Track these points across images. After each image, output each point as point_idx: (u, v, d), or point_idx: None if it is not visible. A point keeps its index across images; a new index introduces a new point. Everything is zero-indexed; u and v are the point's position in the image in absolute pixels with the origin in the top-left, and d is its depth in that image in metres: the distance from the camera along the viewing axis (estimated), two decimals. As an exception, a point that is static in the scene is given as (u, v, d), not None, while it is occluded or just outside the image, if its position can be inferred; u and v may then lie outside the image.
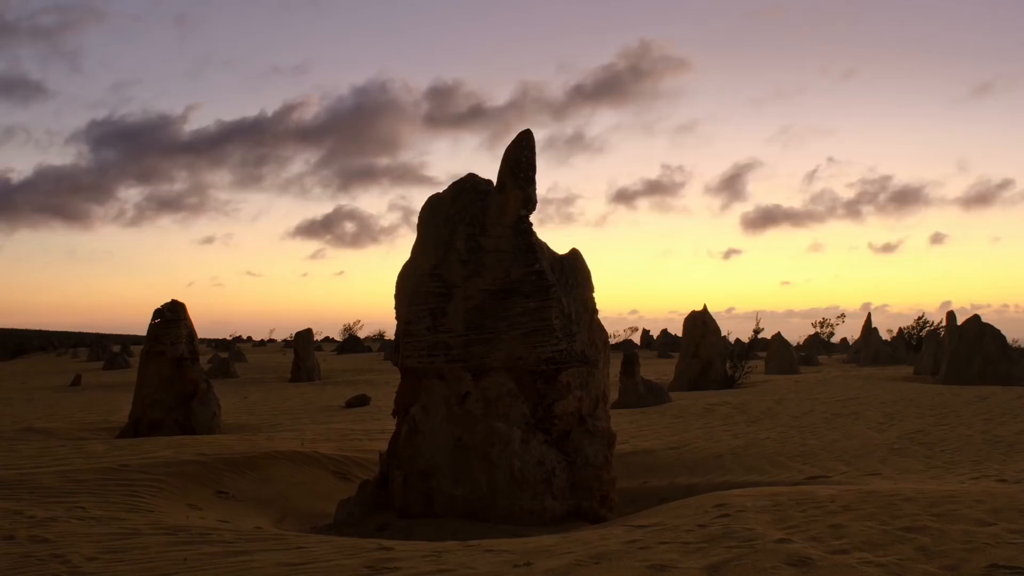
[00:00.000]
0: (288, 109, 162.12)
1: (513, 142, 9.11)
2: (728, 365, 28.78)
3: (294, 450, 11.50)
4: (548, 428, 8.62)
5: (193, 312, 17.92)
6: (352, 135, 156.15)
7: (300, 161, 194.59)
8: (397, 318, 9.29)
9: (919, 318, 50.45)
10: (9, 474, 9.35)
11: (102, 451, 11.80)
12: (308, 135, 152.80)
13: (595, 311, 9.27)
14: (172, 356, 16.86)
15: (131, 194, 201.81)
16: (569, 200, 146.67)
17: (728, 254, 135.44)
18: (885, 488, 7.82)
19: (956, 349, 27.48)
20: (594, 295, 9.36)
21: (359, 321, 79.27)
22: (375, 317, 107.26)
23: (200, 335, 21.51)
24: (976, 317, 28.01)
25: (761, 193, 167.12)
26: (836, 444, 13.40)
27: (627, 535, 6.15)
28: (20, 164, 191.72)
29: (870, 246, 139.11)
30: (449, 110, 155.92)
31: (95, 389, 32.68)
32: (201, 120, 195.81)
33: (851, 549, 5.30)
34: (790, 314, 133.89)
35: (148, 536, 6.51)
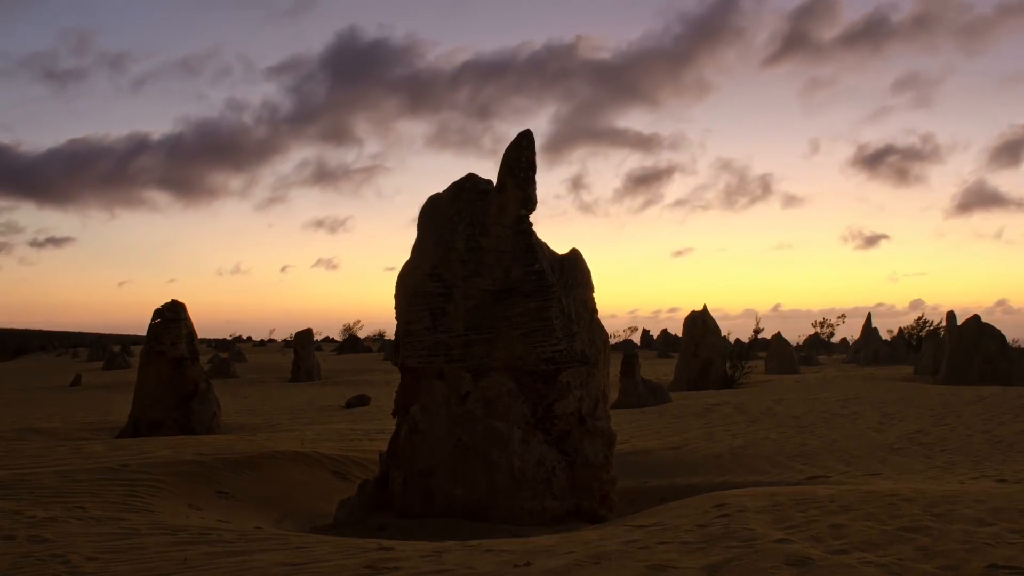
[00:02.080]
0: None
1: (513, 142, 9.10)
2: (728, 365, 28.79)
3: (294, 450, 11.50)
4: (548, 428, 8.62)
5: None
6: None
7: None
8: (397, 318, 9.28)
9: (919, 318, 50.46)
10: (9, 474, 9.35)
11: (102, 451, 11.80)
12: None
13: (595, 311, 9.26)
14: (172, 356, 16.87)
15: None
16: None
17: None
18: (885, 488, 7.82)
19: (956, 349, 27.48)
20: (594, 295, 9.36)
21: (359, 321, 79.36)
22: (375, 317, 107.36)
23: (200, 335, 21.51)
24: (976, 317, 28.02)
25: None
26: (836, 444, 13.40)
27: (627, 535, 6.15)
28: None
29: None
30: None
31: (95, 389, 32.68)
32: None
33: (851, 549, 5.30)
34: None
35: (148, 536, 6.51)
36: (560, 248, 9.41)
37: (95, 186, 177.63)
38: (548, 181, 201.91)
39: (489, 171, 9.17)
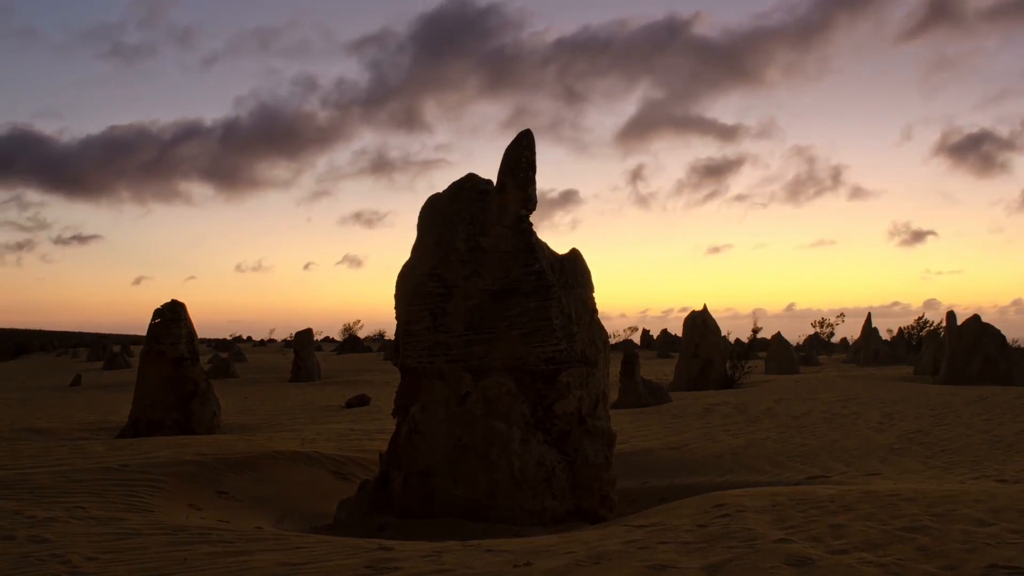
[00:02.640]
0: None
1: (513, 142, 9.10)
2: (728, 365, 28.79)
3: (294, 450, 11.50)
4: (548, 428, 8.62)
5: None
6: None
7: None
8: (397, 318, 9.28)
9: (919, 318, 50.47)
10: (9, 474, 9.35)
11: (102, 451, 11.80)
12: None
13: (595, 311, 9.26)
14: (172, 356, 16.87)
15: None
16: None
17: None
18: (885, 488, 7.82)
19: (956, 349, 27.48)
20: (594, 295, 9.35)
21: (359, 321, 79.30)
22: (375, 317, 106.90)
23: (200, 335, 21.51)
24: (976, 317, 28.02)
25: None
26: (836, 444, 13.40)
27: (627, 535, 6.15)
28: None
29: None
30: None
31: (95, 389, 32.68)
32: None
33: (851, 549, 5.30)
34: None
35: (148, 536, 6.51)
36: (595, 247, 9.40)
37: (133, 178, 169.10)
38: (609, 171, 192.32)
39: (550, 162, 9.03)
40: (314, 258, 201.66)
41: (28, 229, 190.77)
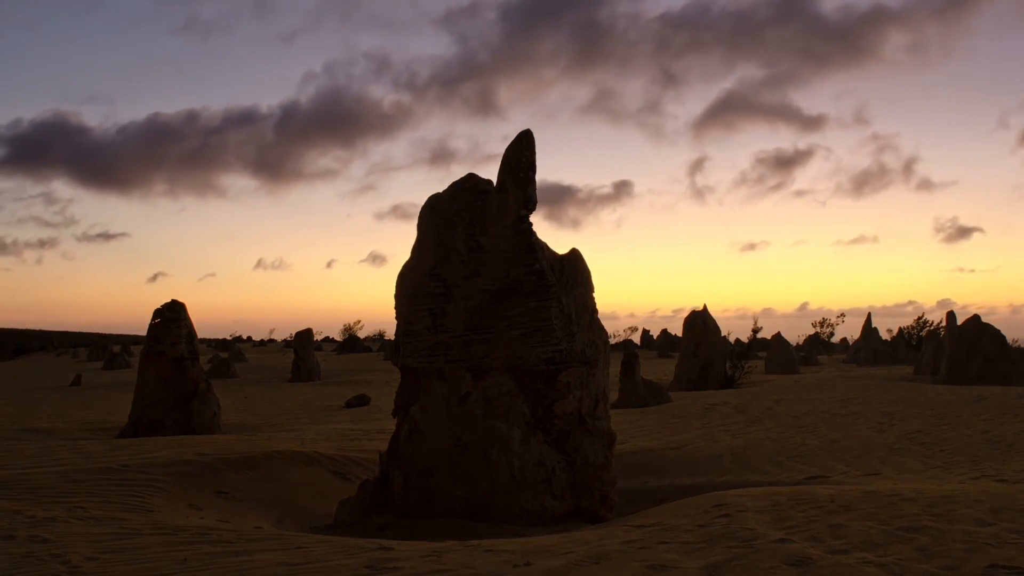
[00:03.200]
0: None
1: (513, 142, 9.11)
2: (728, 365, 28.79)
3: (294, 450, 11.50)
4: (548, 428, 8.62)
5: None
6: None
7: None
8: (397, 318, 9.28)
9: (919, 318, 50.48)
10: (9, 474, 9.35)
11: (102, 451, 11.80)
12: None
13: (595, 311, 9.26)
14: (172, 356, 16.87)
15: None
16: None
17: None
18: (885, 488, 7.83)
19: (956, 349, 27.48)
20: (594, 295, 9.35)
21: (359, 321, 79.32)
22: (375, 317, 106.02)
23: (200, 335, 21.51)
24: (976, 317, 28.03)
25: None
26: (836, 444, 13.40)
27: (627, 535, 6.15)
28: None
29: None
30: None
31: (95, 389, 32.68)
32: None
33: (851, 549, 5.30)
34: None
35: (148, 536, 6.51)
36: (621, 248, 9.36)
37: (170, 170, 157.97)
38: (672, 160, 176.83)
39: (615, 152, 8.66)
40: (338, 255, 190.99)
41: (54, 226, 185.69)
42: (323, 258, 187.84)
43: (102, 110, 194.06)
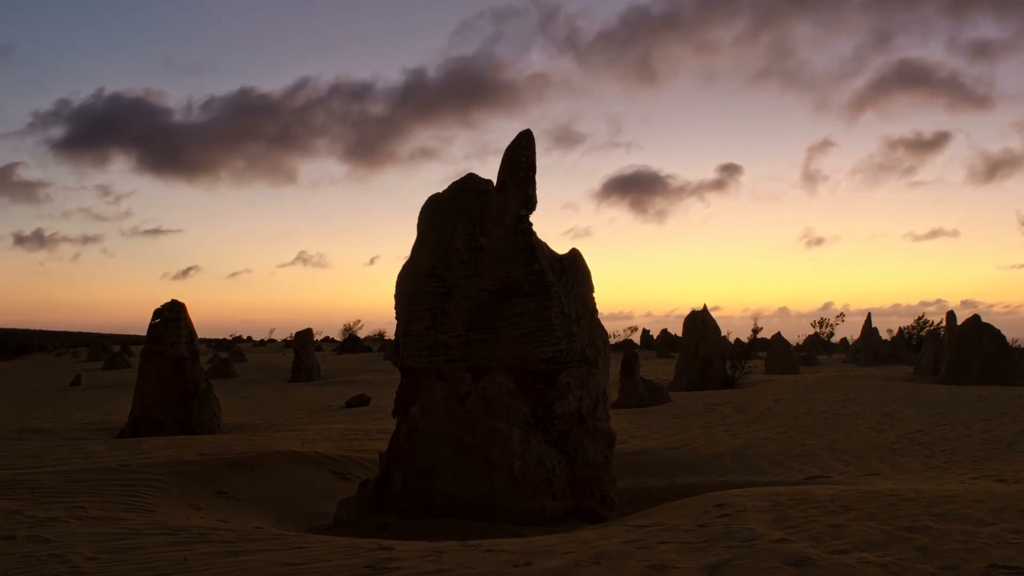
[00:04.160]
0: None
1: (513, 142, 9.11)
2: (728, 365, 28.79)
3: (294, 450, 11.50)
4: (548, 428, 8.62)
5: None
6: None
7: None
8: (397, 318, 9.28)
9: (919, 318, 50.47)
10: (9, 474, 9.35)
11: (102, 451, 11.80)
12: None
13: (595, 311, 9.26)
14: (172, 356, 16.87)
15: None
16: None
17: None
18: (885, 488, 7.83)
19: (956, 349, 27.48)
20: (593, 295, 9.35)
21: (359, 321, 79.24)
22: (375, 317, 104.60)
23: (200, 335, 21.51)
24: (976, 317, 28.03)
25: None
26: (836, 444, 13.40)
27: (627, 535, 6.15)
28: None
29: None
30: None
31: (95, 389, 32.66)
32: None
33: (851, 549, 5.30)
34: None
35: (148, 536, 6.51)
36: (653, 244, 9.26)
37: (247, 154, 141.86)
38: (798, 141, 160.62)
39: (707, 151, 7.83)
40: (381, 251, 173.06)
41: (105, 220, 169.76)
42: (366, 254, 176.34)
43: (186, 89, 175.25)
